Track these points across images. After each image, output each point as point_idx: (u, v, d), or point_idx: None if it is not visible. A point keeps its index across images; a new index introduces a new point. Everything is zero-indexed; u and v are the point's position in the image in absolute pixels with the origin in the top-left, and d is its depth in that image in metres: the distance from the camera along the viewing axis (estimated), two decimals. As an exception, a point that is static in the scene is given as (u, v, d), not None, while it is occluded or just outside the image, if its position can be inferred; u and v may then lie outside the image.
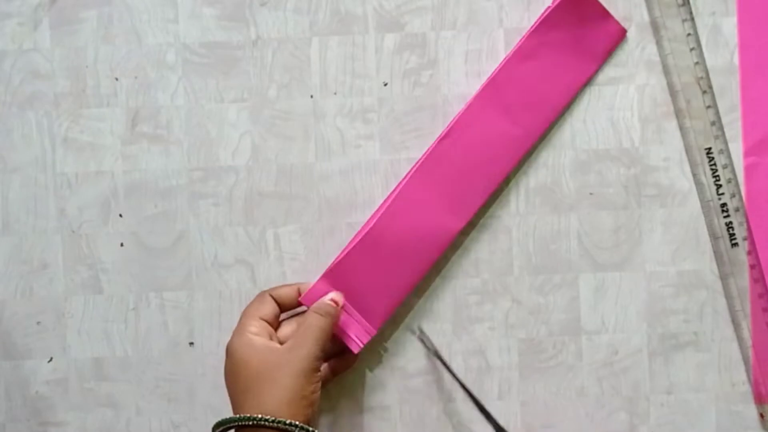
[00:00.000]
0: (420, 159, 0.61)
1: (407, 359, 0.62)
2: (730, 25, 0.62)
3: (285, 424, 0.53)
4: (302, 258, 0.62)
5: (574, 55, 0.61)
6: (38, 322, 0.62)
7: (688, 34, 0.61)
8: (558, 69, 0.61)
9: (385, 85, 0.62)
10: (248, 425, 0.53)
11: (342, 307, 0.59)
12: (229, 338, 0.59)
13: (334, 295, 0.58)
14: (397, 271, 0.60)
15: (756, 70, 0.62)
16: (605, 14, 0.61)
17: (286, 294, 0.59)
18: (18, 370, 0.62)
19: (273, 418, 0.53)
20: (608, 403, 0.63)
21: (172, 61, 0.62)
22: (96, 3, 0.62)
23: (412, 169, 0.61)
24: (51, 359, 0.63)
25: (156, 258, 0.62)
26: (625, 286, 0.63)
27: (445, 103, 0.62)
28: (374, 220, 0.60)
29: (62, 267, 0.62)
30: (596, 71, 0.62)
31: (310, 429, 0.53)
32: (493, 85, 0.61)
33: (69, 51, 0.62)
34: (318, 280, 0.59)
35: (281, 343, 0.57)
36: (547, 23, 0.61)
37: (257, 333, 0.56)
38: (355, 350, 0.59)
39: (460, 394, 0.62)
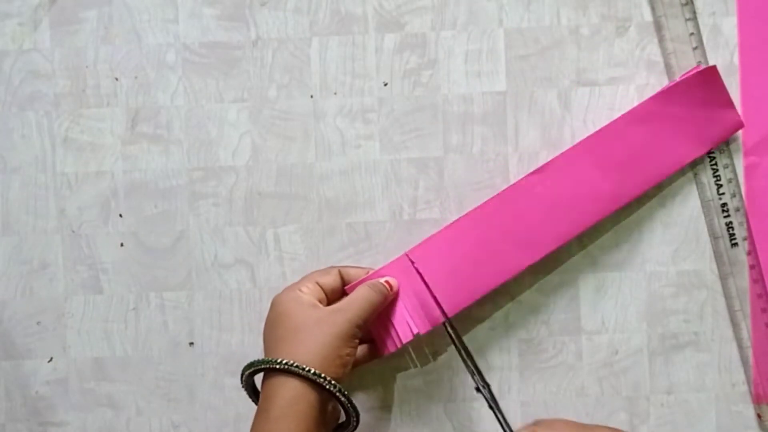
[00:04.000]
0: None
1: (407, 359, 0.62)
2: (730, 25, 0.62)
3: (313, 374, 0.52)
4: (302, 258, 0.62)
5: (685, 132, 0.60)
6: (38, 322, 0.63)
7: (691, 34, 0.61)
8: (665, 142, 0.60)
9: (385, 85, 0.62)
10: (276, 368, 0.53)
11: (396, 294, 0.59)
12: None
13: (389, 278, 0.59)
14: (462, 279, 0.59)
15: (756, 70, 0.62)
16: (728, 102, 0.60)
17: (355, 274, 0.59)
18: (18, 370, 0.62)
19: (304, 366, 0.52)
20: (608, 403, 0.63)
21: (172, 61, 0.62)
22: (96, 3, 0.62)
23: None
24: (51, 359, 0.63)
25: (156, 258, 0.62)
26: (625, 286, 0.63)
27: (445, 103, 0.62)
28: (454, 223, 0.60)
29: (62, 267, 0.62)
30: (701, 156, 0.61)
31: (337, 384, 0.53)
32: (597, 138, 0.60)
33: (69, 51, 0.62)
34: (385, 266, 0.59)
35: None
36: (668, 94, 0.60)
37: (307, 293, 0.56)
38: (386, 350, 0.59)
39: (460, 393, 0.62)
